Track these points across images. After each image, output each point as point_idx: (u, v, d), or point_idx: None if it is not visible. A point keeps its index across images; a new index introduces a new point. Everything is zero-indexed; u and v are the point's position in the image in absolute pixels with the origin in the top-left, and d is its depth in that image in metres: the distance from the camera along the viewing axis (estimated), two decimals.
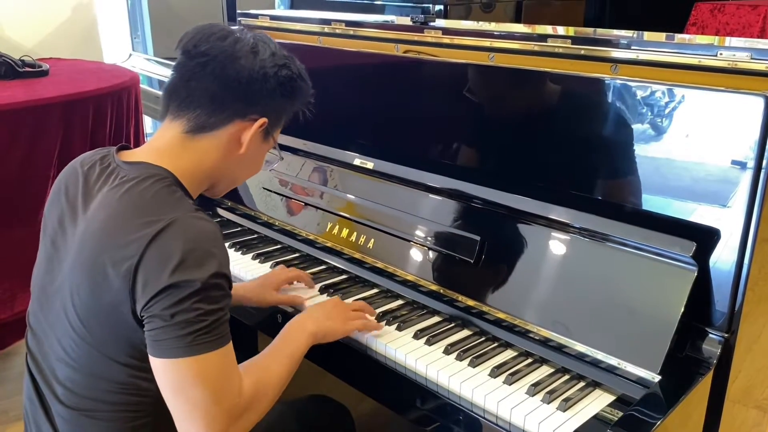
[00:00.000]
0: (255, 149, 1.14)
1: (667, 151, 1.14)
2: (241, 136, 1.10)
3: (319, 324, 1.22)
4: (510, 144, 1.37)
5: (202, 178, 1.12)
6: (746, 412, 1.36)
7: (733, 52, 1.18)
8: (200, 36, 1.08)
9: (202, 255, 0.95)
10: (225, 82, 1.06)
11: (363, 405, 1.68)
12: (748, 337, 1.21)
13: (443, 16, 3.16)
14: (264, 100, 1.10)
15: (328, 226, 1.59)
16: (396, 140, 1.57)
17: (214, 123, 1.08)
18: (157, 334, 0.95)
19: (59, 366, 1.06)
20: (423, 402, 1.20)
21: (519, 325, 1.23)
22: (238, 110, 1.08)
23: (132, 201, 1.01)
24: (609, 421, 1.05)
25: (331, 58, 1.72)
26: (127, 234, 0.97)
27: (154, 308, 0.94)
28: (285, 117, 1.18)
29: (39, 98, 2.24)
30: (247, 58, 1.07)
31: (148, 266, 0.94)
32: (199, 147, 1.09)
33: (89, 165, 1.10)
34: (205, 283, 0.94)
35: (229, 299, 1.00)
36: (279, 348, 1.16)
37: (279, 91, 1.11)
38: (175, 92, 1.09)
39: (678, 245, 1.10)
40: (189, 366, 0.95)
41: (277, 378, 1.10)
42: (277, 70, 1.09)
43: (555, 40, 1.42)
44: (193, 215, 1.00)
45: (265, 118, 1.11)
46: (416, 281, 1.40)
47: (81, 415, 1.06)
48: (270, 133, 1.15)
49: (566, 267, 1.23)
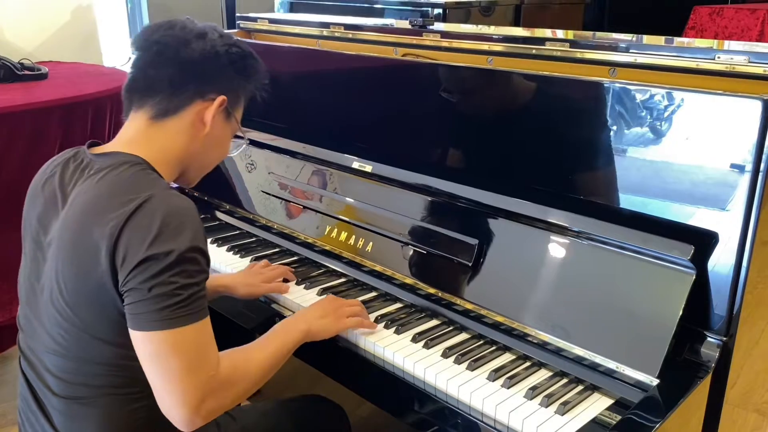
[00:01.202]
0: (219, 130, 1.18)
1: (665, 155, 1.14)
2: (204, 115, 1.14)
3: (312, 322, 1.24)
4: (508, 147, 1.37)
5: (173, 163, 1.15)
6: (746, 415, 1.36)
7: (731, 55, 1.18)
8: (150, 30, 1.15)
9: (177, 227, 0.99)
10: (180, 65, 1.11)
11: (361, 408, 1.68)
12: (747, 340, 1.21)
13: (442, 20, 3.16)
14: (219, 78, 1.15)
15: (326, 229, 1.59)
16: (394, 143, 1.57)
17: (176, 106, 1.12)
18: (135, 308, 0.98)
19: (49, 357, 1.08)
20: (421, 405, 1.20)
21: (517, 328, 1.23)
22: (197, 90, 1.13)
23: (109, 184, 1.05)
24: (607, 424, 1.05)
25: (330, 62, 1.72)
26: (106, 213, 1.00)
27: (133, 282, 0.97)
28: (243, 96, 1.22)
29: (38, 101, 2.24)
30: (198, 41, 1.13)
31: (127, 241, 0.97)
32: (165, 131, 1.13)
33: (62, 163, 1.14)
34: (181, 256, 0.97)
35: (205, 275, 1.02)
36: (267, 340, 1.19)
37: (232, 68, 1.16)
38: (135, 85, 1.14)
39: (676, 248, 1.10)
40: (165, 338, 0.97)
41: (259, 367, 1.12)
42: (227, 48, 1.15)
43: (554, 43, 1.43)
44: (169, 192, 1.04)
45: (224, 95, 1.15)
46: (414, 284, 1.40)
47: (76, 404, 1.07)
48: (231, 112, 1.19)
49: (564, 270, 1.23)
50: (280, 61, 1.85)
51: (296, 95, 1.82)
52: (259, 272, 1.49)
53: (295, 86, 1.83)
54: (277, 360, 1.16)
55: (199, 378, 1.00)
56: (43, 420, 1.10)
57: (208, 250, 1.04)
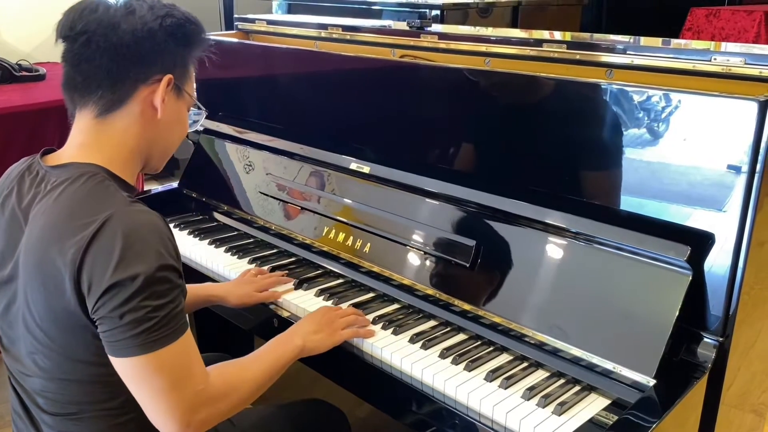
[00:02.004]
0: (173, 110, 1.10)
1: (661, 156, 1.15)
2: (153, 100, 1.06)
3: (307, 338, 1.23)
4: (505, 148, 1.38)
5: (131, 159, 1.08)
6: (742, 416, 1.37)
7: (727, 57, 1.18)
8: (72, 16, 1.03)
9: (141, 249, 0.94)
10: (114, 52, 1.01)
11: (359, 409, 1.68)
12: (744, 341, 1.21)
13: (440, 21, 3.16)
14: (160, 56, 1.05)
15: (324, 230, 1.59)
16: (392, 144, 1.58)
17: (120, 97, 1.04)
18: (110, 335, 0.95)
19: (34, 381, 1.06)
20: (419, 406, 1.20)
21: (514, 329, 1.24)
22: (139, 75, 1.04)
23: (66, 205, 0.99)
24: (604, 425, 1.06)
25: (328, 63, 1.72)
26: (66, 239, 0.95)
27: (102, 310, 0.93)
28: (190, 66, 1.12)
29: (36, 102, 2.24)
30: (127, 21, 1.02)
31: (90, 268, 0.93)
32: (115, 127, 1.05)
33: (18, 178, 1.08)
34: (149, 278, 0.93)
35: (178, 290, 0.98)
36: (262, 354, 1.18)
37: (172, 42, 1.06)
38: (72, 82, 1.05)
39: (673, 249, 1.10)
40: (147, 362, 0.95)
41: (252, 380, 1.11)
42: (161, 21, 1.04)
43: (551, 44, 1.43)
44: (129, 209, 0.98)
45: (169, 74, 1.06)
46: (412, 285, 1.40)
47: (66, 420, 1.06)
48: (181, 88, 1.10)
49: (562, 271, 1.23)
50: (278, 63, 1.86)
51: (294, 96, 1.82)
52: (252, 281, 1.48)
53: (293, 87, 1.84)
54: (271, 375, 1.15)
55: (186, 393, 0.98)
56: None
57: (178, 262, 0.99)
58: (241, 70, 1.96)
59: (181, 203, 1.96)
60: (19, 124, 2.15)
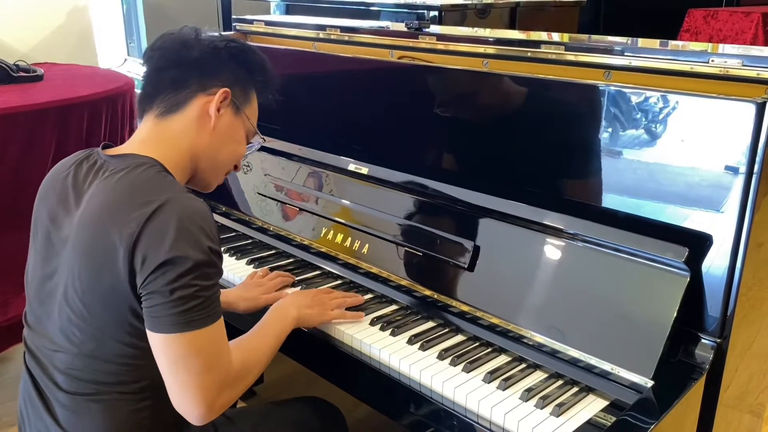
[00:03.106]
0: (227, 124, 1.19)
1: (659, 157, 1.15)
2: (208, 109, 1.16)
3: (301, 310, 1.30)
4: (504, 150, 1.38)
5: (183, 161, 1.17)
6: (740, 417, 1.37)
7: (725, 58, 1.18)
8: (154, 41, 1.20)
9: (196, 231, 1.00)
10: (181, 63, 1.16)
11: (357, 410, 1.68)
12: (742, 342, 1.22)
13: (438, 22, 3.16)
14: (220, 71, 1.18)
15: (322, 231, 1.59)
16: (390, 146, 1.58)
17: (180, 101, 1.15)
18: (156, 310, 0.99)
19: (60, 356, 1.09)
20: (417, 407, 1.20)
21: (513, 330, 1.24)
22: (199, 85, 1.16)
23: (127, 185, 1.06)
24: (602, 426, 1.06)
25: (326, 64, 1.72)
26: (124, 215, 1.01)
27: (153, 284, 0.98)
28: (251, 91, 1.24)
29: (34, 103, 2.24)
30: (196, 40, 1.18)
31: (146, 243, 0.99)
32: (173, 127, 1.15)
33: (76, 164, 1.15)
34: (201, 260, 0.99)
35: (220, 276, 1.05)
36: (264, 330, 1.23)
37: (233, 62, 1.19)
38: (144, 92, 1.18)
39: (671, 251, 1.10)
40: (187, 340, 1.00)
41: (263, 356, 1.18)
42: (226, 43, 1.19)
43: (549, 46, 1.43)
44: (186, 195, 1.06)
45: (227, 89, 1.17)
46: (410, 286, 1.40)
47: (83, 400, 1.08)
48: (239, 107, 1.20)
49: (560, 272, 1.23)
50: (276, 64, 1.85)
51: (292, 97, 1.82)
52: (259, 284, 1.48)
53: (292, 88, 1.83)
54: (276, 347, 1.22)
55: (218, 375, 1.03)
56: (46, 414, 1.11)
57: (221, 251, 1.06)
58: None
59: None
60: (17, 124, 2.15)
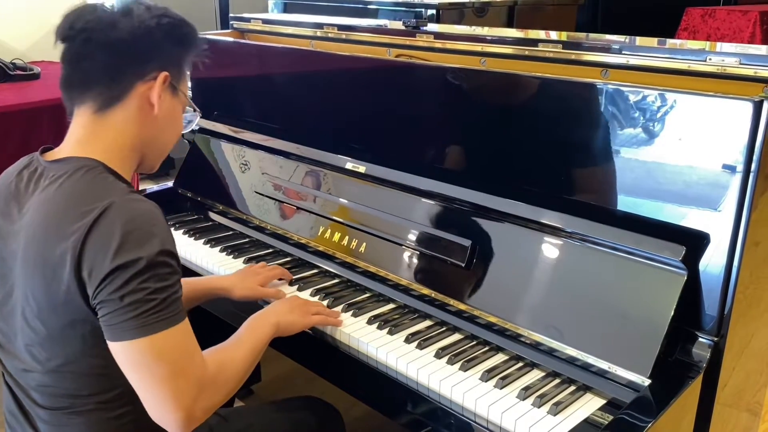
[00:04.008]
0: (168, 107, 1.12)
1: (657, 156, 1.15)
2: (150, 96, 1.08)
3: (281, 317, 1.26)
4: (501, 148, 1.38)
5: (128, 155, 1.10)
6: (737, 415, 1.37)
7: (722, 57, 1.18)
8: (72, 17, 1.07)
9: (142, 235, 0.96)
10: (113, 49, 1.05)
11: (355, 409, 1.68)
12: (739, 340, 1.22)
13: (436, 21, 3.16)
14: (156, 53, 1.09)
15: (320, 230, 1.59)
16: (388, 144, 1.57)
17: (118, 93, 1.07)
18: (110, 319, 0.95)
19: (31, 376, 1.06)
20: (414, 406, 1.20)
21: (510, 328, 1.24)
22: (136, 72, 1.07)
23: (67, 194, 1.01)
24: (599, 424, 1.06)
25: (324, 62, 1.72)
26: (66, 226, 0.97)
27: (103, 293, 0.94)
28: (185, 67, 1.16)
29: (30, 101, 2.24)
30: (125, 20, 1.06)
31: (91, 254, 0.95)
32: (113, 122, 1.07)
33: (16, 174, 1.10)
34: (150, 261, 0.95)
35: (178, 276, 1.00)
36: (243, 338, 1.19)
37: (168, 41, 1.10)
38: (71, 80, 1.08)
39: (668, 249, 1.10)
40: (147, 345, 0.95)
41: (241, 365, 1.12)
42: (158, 20, 1.08)
43: (546, 44, 1.43)
44: (129, 197, 1.00)
45: (165, 71, 1.09)
46: (408, 285, 1.40)
47: (61, 414, 1.06)
48: (177, 87, 1.13)
49: (557, 271, 1.23)
50: (273, 62, 1.85)
51: (290, 96, 1.82)
52: (256, 272, 1.48)
53: (289, 87, 1.83)
54: (257, 355, 1.18)
55: (188, 380, 0.98)
56: (30, 429, 1.09)
57: (177, 253, 1.01)
58: (237, 70, 1.95)
59: (176, 203, 1.95)
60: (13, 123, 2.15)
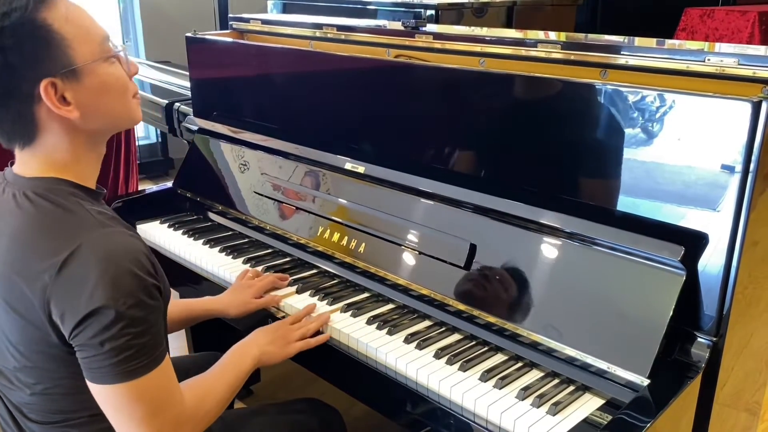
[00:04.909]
0: (86, 94, 0.98)
1: (655, 156, 1.15)
2: (55, 112, 0.96)
3: (262, 349, 1.26)
4: (500, 149, 1.38)
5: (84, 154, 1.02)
6: (736, 415, 1.37)
7: (721, 57, 1.18)
8: None
9: (117, 275, 0.91)
10: None
11: (354, 409, 1.68)
12: (738, 340, 1.22)
13: (435, 21, 3.17)
14: (14, 75, 0.93)
15: (319, 230, 1.59)
16: (387, 145, 1.58)
17: (27, 131, 0.97)
18: (89, 362, 0.93)
19: (17, 393, 1.05)
20: (413, 406, 1.20)
21: (509, 329, 1.24)
22: (21, 100, 0.94)
23: (32, 226, 0.96)
24: (598, 424, 1.06)
25: (323, 63, 1.72)
26: (33, 264, 0.93)
27: (80, 338, 0.92)
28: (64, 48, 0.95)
29: None
30: None
31: (62, 297, 0.91)
32: (47, 150, 1.00)
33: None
34: (129, 305, 0.91)
35: (158, 310, 0.97)
36: (223, 370, 1.19)
37: (7, 53, 0.91)
38: None
39: (667, 249, 1.10)
40: (128, 389, 0.94)
41: (221, 396, 1.13)
42: (2, 28, 0.91)
43: (545, 45, 1.43)
44: (99, 232, 0.94)
45: (47, 78, 0.93)
46: (407, 285, 1.40)
47: (53, 427, 1.05)
48: (75, 71, 0.96)
49: (556, 271, 1.23)
50: (273, 62, 1.85)
51: (289, 96, 1.82)
52: (249, 286, 1.47)
53: (288, 87, 1.83)
54: (236, 387, 1.18)
55: (166, 417, 0.98)
56: None
57: (157, 277, 0.97)
58: (236, 70, 1.95)
59: (175, 203, 1.95)
60: None
